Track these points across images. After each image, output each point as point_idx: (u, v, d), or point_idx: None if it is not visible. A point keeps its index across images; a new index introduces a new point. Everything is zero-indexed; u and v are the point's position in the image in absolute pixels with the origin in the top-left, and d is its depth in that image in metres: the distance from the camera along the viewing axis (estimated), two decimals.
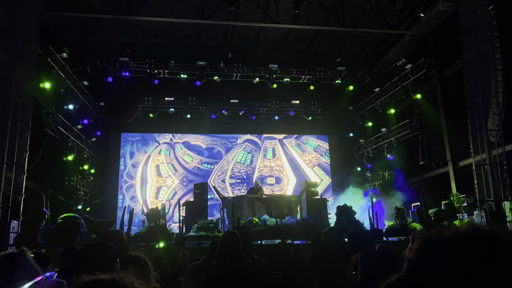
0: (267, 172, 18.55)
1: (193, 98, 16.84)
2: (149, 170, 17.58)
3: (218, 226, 10.09)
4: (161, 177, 17.59)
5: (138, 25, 14.85)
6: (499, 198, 10.64)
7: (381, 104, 16.76)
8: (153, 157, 17.79)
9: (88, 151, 15.67)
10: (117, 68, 15.42)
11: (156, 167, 17.70)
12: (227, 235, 3.42)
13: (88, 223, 9.18)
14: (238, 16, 14.32)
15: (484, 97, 11.34)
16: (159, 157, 17.84)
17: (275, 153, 18.92)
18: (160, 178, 17.57)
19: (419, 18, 13.59)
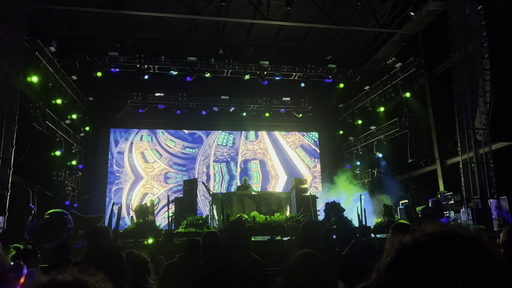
0: (251, 156, 18.65)
1: (183, 94, 16.75)
2: (135, 157, 17.58)
3: (207, 222, 10.08)
4: (148, 163, 17.63)
5: (128, 19, 14.69)
6: (485, 196, 10.79)
7: (371, 102, 16.86)
8: (136, 144, 17.81)
9: (77, 146, 15.51)
10: (107, 63, 15.25)
11: (142, 154, 17.69)
12: (208, 236, 3.39)
13: (75, 219, 9.10)
14: (229, 12, 14.25)
15: (472, 96, 11.47)
16: (142, 143, 17.89)
17: (257, 135, 18.98)
18: (148, 164, 17.58)
19: (409, 17, 13.68)
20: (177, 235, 9.42)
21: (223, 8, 13.94)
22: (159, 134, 18.09)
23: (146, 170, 17.53)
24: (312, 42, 16.97)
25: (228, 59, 15.77)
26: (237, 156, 18.49)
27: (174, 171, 17.73)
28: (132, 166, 17.43)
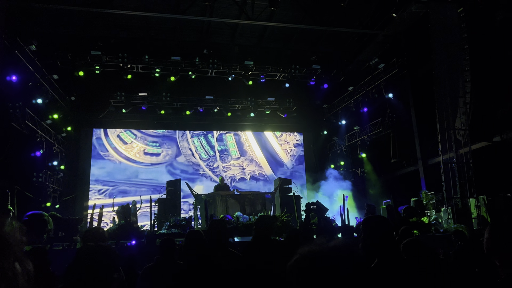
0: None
1: (167, 94, 16.63)
2: (113, 140, 17.55)
3: (190, 223, 10.02)
4: (126, 144, 17.63)
5: (111, 18, 14.50)
6: (465, 195, 10.99)
7: (355, 103, 17.01)
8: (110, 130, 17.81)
9: (58, 147, 15.25)
10: (89, 62, 15.05)
11: (118, 136, 17.63)
12: (189, 236, 3.39)
13: (55, 220, 8.92)
14: (213, 12, 14.20)
15: (453, 97, 11.67)
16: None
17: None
18: (127, 146, 17.57)
19: (392, 18, 13.84)
20: (160, 236, 9.33)
21: (207, 8, 13.89)
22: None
23: (128, 150, 17.50)
24: (296, 43, 17.03)
25: (213, 59, 15.74)
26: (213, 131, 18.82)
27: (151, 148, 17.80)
28: (114, 149, 17.33)
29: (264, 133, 19.23)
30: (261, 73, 16.54)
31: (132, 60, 15.27)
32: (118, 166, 17.33)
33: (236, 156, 18.67)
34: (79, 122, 16.83)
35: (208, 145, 18.60)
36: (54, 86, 14.68)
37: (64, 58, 14.77)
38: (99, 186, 16.89)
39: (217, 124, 18.51)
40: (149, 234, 9.31)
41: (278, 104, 18.07)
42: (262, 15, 13.89)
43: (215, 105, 17.46)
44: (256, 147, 19.01)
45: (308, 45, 17.22)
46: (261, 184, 18.48)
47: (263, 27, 15.58)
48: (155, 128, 17.96)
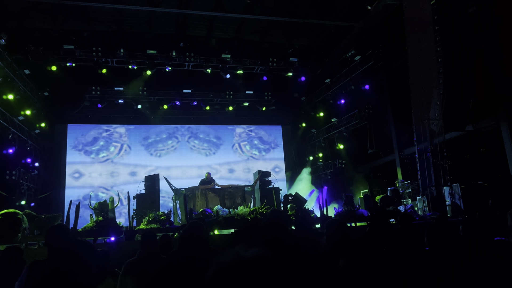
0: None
1: (144, 88, 16.39)
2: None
3: (169, 218, 9.95)
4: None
5: (83, 11, 14.16)
6: (439, 183, 11.27)
7: (332, 95, 17.16)
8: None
9: (32, 144, 14.87)
10: (62, 56, 14.67)
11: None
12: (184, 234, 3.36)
13: (30, 218, 8.71)
14: (189, 4, 14.04)
15: (427, 88, 11.90)
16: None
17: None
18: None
19: (367, 10, 13.98)
20: (139, 232, 9.23)
21: (183, 0, 13.72)
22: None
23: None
24: (273, 36, 17.03)
25: (189, 52, 15.57)
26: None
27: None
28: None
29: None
30: (238, 66, 16.47)
31: (106, 54, 14.96)
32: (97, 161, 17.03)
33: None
34: (53, 118, 16.44)
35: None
36: (25, 81, 14.26)
37: (36, 52, 14.34)
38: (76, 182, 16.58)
39: (196, 118, 18.37)
40: (128, 230, 9.21)
41: (256, 98, 18.07)
42: (238, 7, 13.83)
43: (193, 99, 17.32)
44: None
45: (285, 38, 17.24)
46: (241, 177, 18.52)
47: (240, 19, 15.50)
48: (132, 123, 17.69)
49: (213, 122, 18.68)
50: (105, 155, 17.29)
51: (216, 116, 18.40)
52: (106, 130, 17.51)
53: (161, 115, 17.52)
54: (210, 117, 18.41)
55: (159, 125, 18.01)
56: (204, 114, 18.07)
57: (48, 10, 13.92)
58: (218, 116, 18.39)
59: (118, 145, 17.52)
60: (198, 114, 18.11)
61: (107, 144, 17.43)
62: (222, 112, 18.19)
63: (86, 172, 16.85)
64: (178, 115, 17.91)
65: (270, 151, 19.46)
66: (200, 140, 18.61)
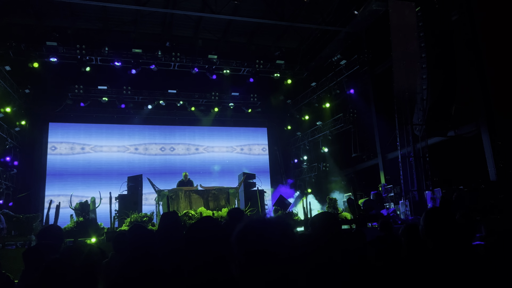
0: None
1: (128, 87, 16.19)
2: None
3: (152, 219, 9.84)
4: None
5: (67, 7, 13.92)
6: (421, 188, 11.42)
7: (317, 98, 17.25)
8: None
9: (11, 141, 14.51)
10: (44, 53, 14.38)
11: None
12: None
13: (8, 218, 8.51)
14: (176, 4, 13.94)
15: (410, 94, 12.07)
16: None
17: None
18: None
19: (353, 15, 14.12)
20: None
21: (170, 0, 13.62)
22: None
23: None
24: (260, 38, 17.05)
25: (176, 52, 15.46)
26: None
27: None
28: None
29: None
30: (225, 67, 16.42)
31: (91, 52, 14.74)
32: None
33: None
34: (34, 115, 16.07)
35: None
36: (6, 77, 13.92)
37: (17, 48, 14.02)
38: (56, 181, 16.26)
39: (180, 119, 18.22)
40: (109, 231, 9.07)
41: (242, 99, 18.04)
42: (225, 9, 13.78)
43: (178, 99, 17.19)
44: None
45: (272, 41, 17.29)
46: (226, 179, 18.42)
47: (227, 21, 15.47)
48: (115, 122, 17.44)
49: (198, 123, 18.55)
50: (88, 154, 16.99)
51: (201, 117, 18.28)
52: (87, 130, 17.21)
53: (145, 115, 17.32)
54: (195, 118, 18.28)
55: (143, 125, 17.80)
56: (189, 115, 17.93)
57: (30, 5, 13.64)
58: (203, 117, 18.28)
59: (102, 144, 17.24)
60: (183, 114, 17.96)
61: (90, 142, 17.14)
62: (207, 113, 18.09)
63: (67, 172, 16.53)
64: (163, 116, 17.73)
65: (255, 153, 19.42)
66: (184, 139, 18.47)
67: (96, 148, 17.14)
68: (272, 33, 16.75)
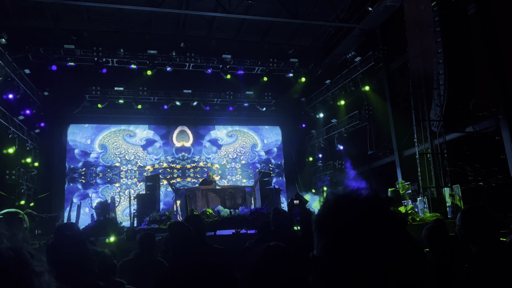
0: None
1: (144, 88, 16.39)
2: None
3: (170, 218, 9.95)
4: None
5: (84, 10, 14.16)
6: (440, 185, 11.30)
7: (332, 96, 17.18)
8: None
9: (32, 143, 14.83)
10: (62, 56, 14.65)
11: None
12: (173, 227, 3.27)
13: (31, 218, 8.71)
14: (190, 4, 14.05)
15: (427, 89, 11.95)
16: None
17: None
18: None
19: (367, 12, 14.02)
20: (140, 232, 9.23)
21: (184, 1, 13.74)
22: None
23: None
24: (274, 36, 17.06)
25: (190, 53, 15.58)
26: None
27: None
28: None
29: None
30: (239, 66, 16.48)
31: (107, 53, 14.96)
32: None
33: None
34: (53, 117, 16.39)
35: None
36: (26, 80, 14.23)
37: (36, 52, 14.33)
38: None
39: (195, 119, 18.36)
40: (129, 230, 9.21)
41: (256, 98, 18.08)
42: (239, 8, 13.83)
43: (193, 99, 17.32)
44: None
45: (286, 39, 17.28)
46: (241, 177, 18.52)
47: (240, 20, 15.53)
48: (132, 123, 17.68)
49: (213, 122, 18.67)
50: (106, 154, 17.26)
51: (216, 117, 18.39)
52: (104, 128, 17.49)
53: (161, 115, 17.51)
54: (210, 118, 18.40)
55: (159, 125, 18.01)
56: (204, 114, 18.06)
57: (48, 9, 13.91)
58: (218, 116, 18.38)
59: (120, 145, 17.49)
60: (198, 114, 18.10)
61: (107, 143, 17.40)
62: (222, 113, 18.19)
63: (86, 172, 16.82)
64: (178, 116, 17.89)
65: (269, 152, 19.46)
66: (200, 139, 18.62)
67: (114, 148, 17.38)
68: (286, 32, 16.74)
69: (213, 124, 18.70)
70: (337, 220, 0.86)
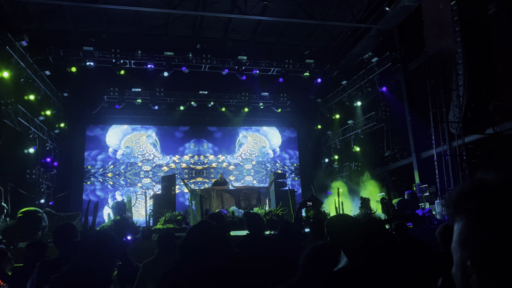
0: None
1: (161, 89, 16.57)
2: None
3: (186, 218, 10.03)
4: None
5: (103, 13, 14.40)
6: None
7: (348, 97, 17.05)
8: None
9: (51, 143, 15.15)
10: (81, 58, 14.93)
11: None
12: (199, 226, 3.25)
13: (50, 217, 8.89)
14: (206, 6, 14.14)
15: (446, 90, 11.73)
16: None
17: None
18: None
19: (385, 12, 13.87)
20: (155, 232, 9.32)
21: (200, 2, 13.83)
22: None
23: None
24: (289, 37, 17.02)
25: (206, 54, 15.67)
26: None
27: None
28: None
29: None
30: (254, 67, 16.50)
31: (125, 55, 15.17)
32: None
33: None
34: (72, 118, 16.71)
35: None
36: (46, 82, 14.55)
37: (56, 54, 14.63)
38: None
39: (211, 120, 18.47)
40: (145, 229, 9.31)
41: (272, 99, 18.07)
42: (255, 9, 13.85)
43: (209, 100, 17.42)
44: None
45: (301, 40, 17.22)
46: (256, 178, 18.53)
47: (256, 21, 15.54)
48: (149, 123, 17.89)
49: (228, 123, 18.75)
50: (124, 155, 17.50)
51: (231, 118, 18.45)
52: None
53: (177, 116, 17.66)
54: (225, 118, 18.48)
55: (175, 126, 18.18)
56: (219, 115, 18.14)
57: (68, 12, 14.19)
58: (233, 117, 18.44)
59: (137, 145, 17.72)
60: (214, 115, 18.20)
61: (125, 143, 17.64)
62: (237, 114, 18.24)
63: (104, 171, 17.09)
64: (194, 116, 18.02)
65: (284, 153, 19.42)
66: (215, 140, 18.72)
67: (132, 148, 17.62)
68: (302, 32, 16.68)
69: (228, 125, 18.76)
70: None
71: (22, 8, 13.51)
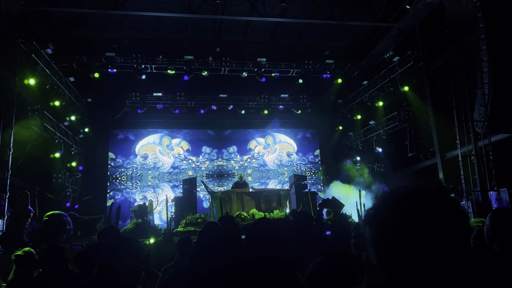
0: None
1: (181, 93, 16.75)
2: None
3: (206, 221, 10.08)
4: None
5: (124, 19, 14.68)
6: (485, 188, 10.75)
7: (370, 97, 16.80)
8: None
9: (76, 148, 15.53)
10: (104, 64, 15.27)
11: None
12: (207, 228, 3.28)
13: (74, 220, 9.10)
14: (225, 9, 14.22)
15: (470, 89, 11.42)
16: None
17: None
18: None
19: (405, 10, 13.61)
20: (177, 234, 9.41)
21: (219, 6, 13.92)
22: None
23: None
24: (309, 38, 16.93)
25: (225, 57, 15.77)
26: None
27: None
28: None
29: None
30: (274, 70, 16.48)
31: (146, 60, 15.43)
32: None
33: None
34: (96, 123, 17.08)
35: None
36: (70, 88, 14.95)
37: (80, 60, 15.02)
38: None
39: (231, 122, 18.54)
40: (166, 232, 9.41)
41: (292, 101, 18.00)
42: (273, 11, 13.83)
43: (229, 103, 17.50)
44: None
45: (321, 40, 17.09)
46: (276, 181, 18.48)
47: (275, 23, 15.52)
48: (170, 127, 18.11)
49: (248, 126, 18.78)
50: (146, 158, 17.77)
51: (251, 120, 18.47)
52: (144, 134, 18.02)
53: (198, 120, 17.81)
54: (245, 121, 18.51)
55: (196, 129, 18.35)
56: (239, 118, 18.19)
57: (92, 20, 14.54)
58: (253, 120, 18.46)
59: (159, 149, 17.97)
60: (234, 118, 18.26)
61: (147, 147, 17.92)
62: (257, 116, 18.25)
63: (127, 175, 17.38)
64: (214, 120, 18.14)
65: (306, 154, 19.32)
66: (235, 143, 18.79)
67: (154, 152, 17.87)
68: (321, 33, 16.57)
69: (248, 127, 18.80)
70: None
71: (47, 17, 13.92)
